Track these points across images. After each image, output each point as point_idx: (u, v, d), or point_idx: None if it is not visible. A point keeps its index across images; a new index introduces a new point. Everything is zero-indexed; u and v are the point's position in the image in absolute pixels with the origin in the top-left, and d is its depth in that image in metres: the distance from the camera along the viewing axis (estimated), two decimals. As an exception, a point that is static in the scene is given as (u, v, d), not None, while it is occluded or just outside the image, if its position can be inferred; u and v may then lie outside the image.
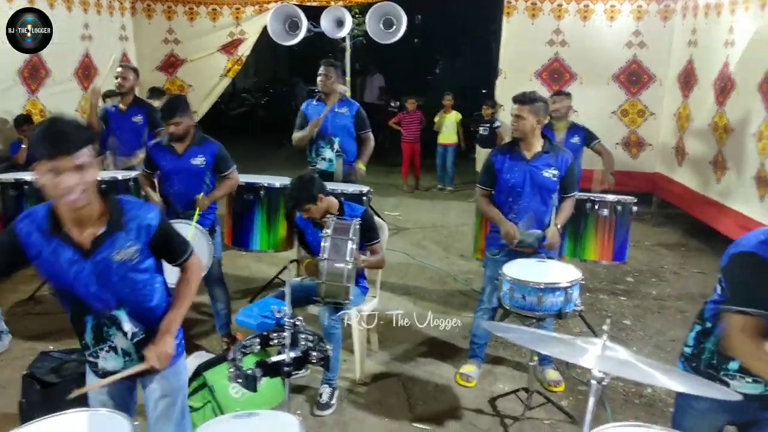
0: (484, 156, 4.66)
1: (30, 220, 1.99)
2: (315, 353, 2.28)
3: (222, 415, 2.52)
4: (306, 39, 6.65)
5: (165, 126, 3.80)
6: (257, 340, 2.34)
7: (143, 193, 4.31)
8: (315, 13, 6.74)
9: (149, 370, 2.14)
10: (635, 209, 4.51)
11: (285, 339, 2.24)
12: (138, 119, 5.22)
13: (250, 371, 2.19)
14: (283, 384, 2.34)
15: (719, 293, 2.06)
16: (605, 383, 1.82)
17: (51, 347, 3.80)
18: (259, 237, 4.50)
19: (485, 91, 9.43)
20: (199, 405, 3.10)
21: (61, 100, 6.51)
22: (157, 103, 4.95)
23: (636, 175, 7.73)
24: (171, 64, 8.14)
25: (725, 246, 2.07)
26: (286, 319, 2.26)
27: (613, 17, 7.52)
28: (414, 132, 8.92)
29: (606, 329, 1.91)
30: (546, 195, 3.58)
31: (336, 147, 4.80)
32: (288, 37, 6.64)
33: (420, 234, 6.89)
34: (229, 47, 7.98)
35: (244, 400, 3.06)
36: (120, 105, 5.26)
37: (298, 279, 3.89)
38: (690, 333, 2.19)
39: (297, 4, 6.56)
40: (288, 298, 2.33)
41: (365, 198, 4.43)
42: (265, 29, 6.84)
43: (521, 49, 7.71)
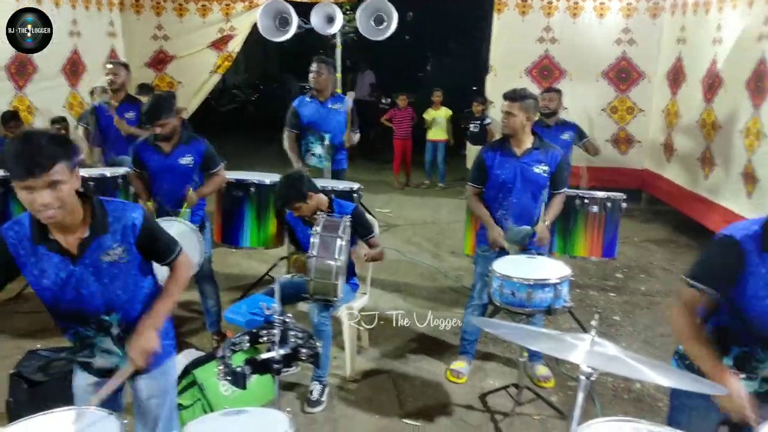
0: (474, 153, 4.67)
1: (16, 228, 1.97)
2: (305, 350, 2.27)
3: (211, 413, 2.51)
4: (296, 35, 6.61)
5: (151, 128, 3.76)
6: (246, 337, 2.33)
7: (132, 191, 4.29)
8: (305, 10, 6.71)
9: (139, 369, 2.14)
10: (624, 206, 4.53)
11: (274, 336, 2.24)
12: (130, 116, 5.18)
13: (239, 369, 2.19)
14: (274, 381, 2.33)
15: None
16: (594, 379, 1.83)
17: (38, 346, 3.76)
18: (249, 234, 4.48)
19: (476, 88, 9.41)
20: (189, 403, 3.09)
21: (49, 96, 6.45)
22: (146, 100, 4.91)
23: (625, 172, 7.78)
24: (160, 60, 8.07)
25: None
26: (275, 316, 2.25)
27: (603, 14, 7.54)
28: (405, 129, 8.91)
29: (595, 325, 1.93)
30: (536, 191, 3.60)
31: (326, 142, 4.80)
32: (278, 34, 6.60)
33: (411, 231, 6.89)
34: (219, 43, 7.93)
35: (234, 397, 3.05)
36: (111, 101, 5.22)
37: (288, 276, 3.88)
38: None
39: (287, 0, 6.53)
40: (277, 295, 2.33)
41: (356, 195, 4.43)
42: (255, 25, 6.81)
43: (511, 46, 7.72)
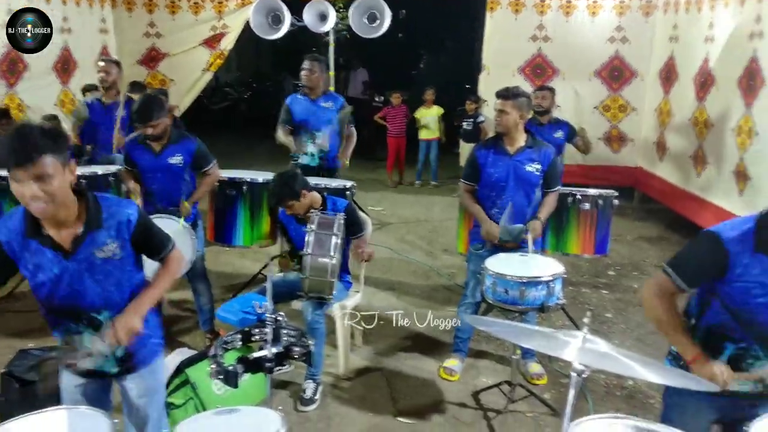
0: (468, 151, 4.68)
1: (8, 223, 1.96)
2: (297, 348, 2.27)
3: (202, 412, 2.50)
4: (289, 33, 6.61)
5: (141, 129, 3.73)
6: (239, 336, 2.33)
7: (125, 189, 4.27)
8: (298, 7, 6.69)
9: (128, 368, 2.13)
10: (616, 203, 4.55)
11: (267, 335, 2.23)
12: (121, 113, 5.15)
13: (231, 367, 2.18)
14: (266, 380, 2.33)
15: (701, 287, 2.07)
16: (585, 376, 1.83)
17: (30, 345, 3.74)
18: (243, 233, 4.47)
19: (469, 87, 9.43)
20: (181, 402, 3.07)
21: (40, 94, 6.40)
22: (137, 98, 4.88)
23: (617, 170, 7.81)
24: (152, 58, 8.03)
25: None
26: (267, 315, 2.25)
27: (596, 13, 7.56)
28: (399, 126, 8.91)
29: (587, 322, 1.93)
30: (529, 189, 3.60)
31: (318, 141, 4.79)
32: (271, 31, 6.59)
33: (404, 229, 6.89)
34: (212, 41, 7.90)
35: (226, 396, 3.03)
36: (103, 99, 5.19)
37: (281, 274, 3.87)
38: None
39: (280, -3, 6.52)
40: (269, 293, 2.32)
41: (348, 193, 4.43)
42: (248, 23, 6.79)
43: (504, 45, 7.72)
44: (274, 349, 2.22)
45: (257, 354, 2.22)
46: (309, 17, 6.57)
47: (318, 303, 3.43)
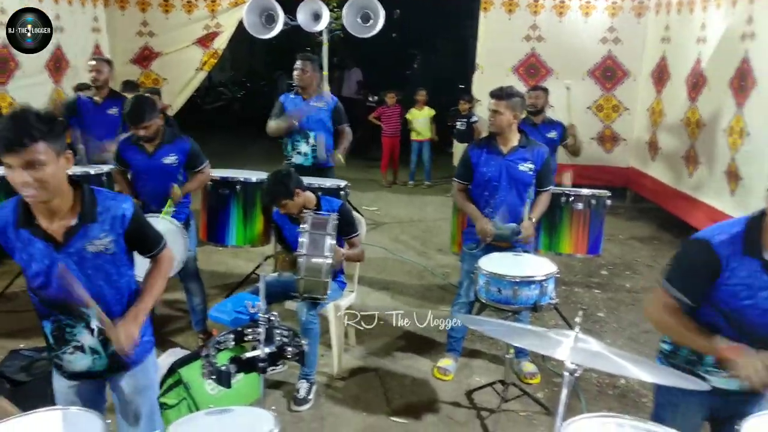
0: (461, 150, 4.68)
1: (1, 213, 1.95)
2: (290, 348, 2.26)
3: (195, 412, 2.49)
4: (283, 32, 6.58)
5: (134, 130, 3.71)
6: (231, 336, 2.32)
7: (117, 189, 4.25)
8: (292, 6, 6.68)
9: (119, 366, 2.12)
10: (609, 203, 4.56)
11: (259, 335, 2.23)
12: (114, 112, 5.13)
13: (223, 367, 2.17)
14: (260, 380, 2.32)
15: None
16: (578, 375, 1.84)
17: (21, 345, 3.73)
18: (236, 232, 4.46)
19: (462, 86, 9.44)
20: (175, 402, 3.07)
21: (32, 93, 6.34)
22: (130, 97, 4.86)
23: (610, 170, 7.84)
24: (145, 56, 7.99)
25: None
26: (260, 315, 2.24)
27: (589, 13, 7.59)
28: (394, 126, 8.91)
29: (579, 321, 1.94)
30: (522, 189, 3.61)
31: (311, 141, 4.79)
32: (264, 31, 6.56)
33: (398, 229, 6.90)
34: (205, 40, 7.87)
35: (220, 396, 3.03)
36: (95, 98, 5.16)
37: (274, 274, 3.87)
38: None
39: (273, -3, 6.50)
40: (262, 293, 2.31)
41: (342, 192, 4.42)
42: (242, 22, 6.77)
43: (498, 45, 7.74)
44: (267, 349, 2.21)
45: (250, 354, 2.22)
46: (302, 17, 6.56)
47: (312, 303, 3.43)
